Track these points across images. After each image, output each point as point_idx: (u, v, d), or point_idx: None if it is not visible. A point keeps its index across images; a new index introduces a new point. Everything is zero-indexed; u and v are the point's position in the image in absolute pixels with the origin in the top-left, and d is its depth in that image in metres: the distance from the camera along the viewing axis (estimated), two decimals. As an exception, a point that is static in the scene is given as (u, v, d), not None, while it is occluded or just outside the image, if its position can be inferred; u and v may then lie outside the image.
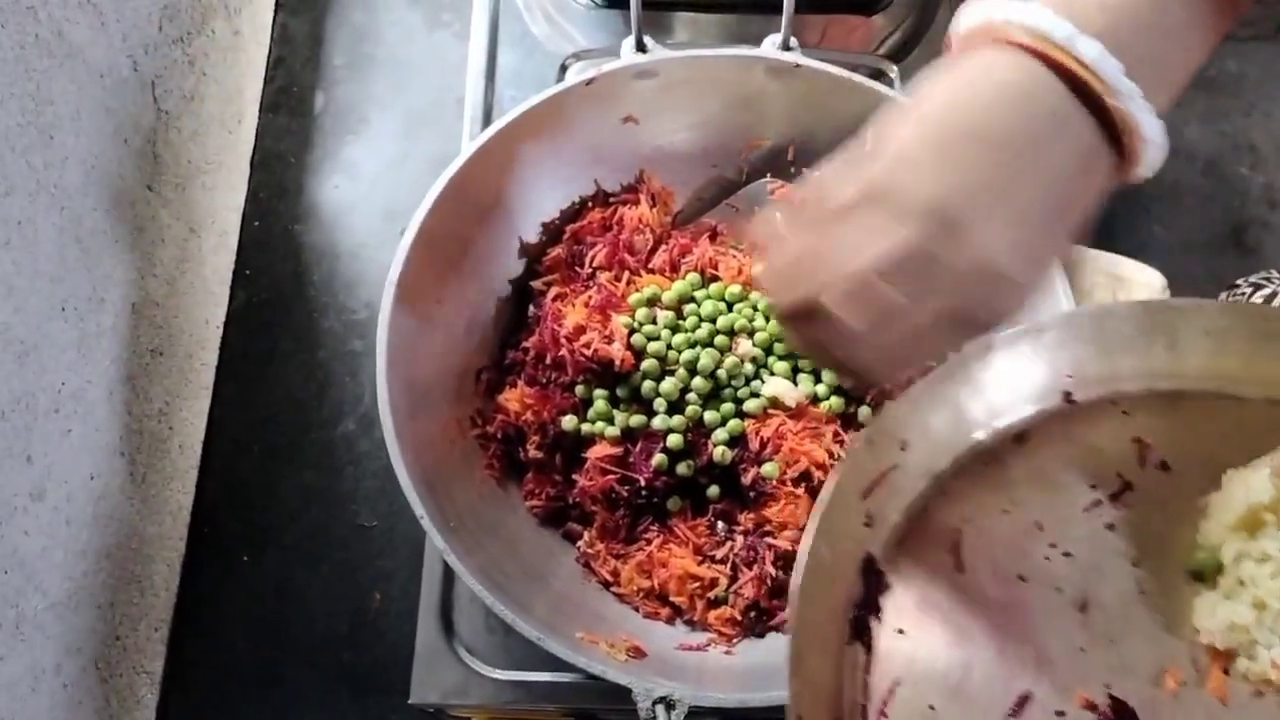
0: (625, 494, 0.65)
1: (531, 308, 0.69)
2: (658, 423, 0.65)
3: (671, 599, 0.64)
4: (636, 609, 0.65)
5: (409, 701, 0.65)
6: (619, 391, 0.67)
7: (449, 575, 0.67)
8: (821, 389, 0.67)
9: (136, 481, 0.74)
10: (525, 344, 0.68)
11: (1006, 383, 0.51)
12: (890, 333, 0.40)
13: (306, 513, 0.81)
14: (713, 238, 0.72)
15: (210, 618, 0.79)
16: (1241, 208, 1.14)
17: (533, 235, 0.70)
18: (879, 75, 0.79)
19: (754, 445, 0.65)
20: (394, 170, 0.90)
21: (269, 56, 0.92)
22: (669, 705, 0.54)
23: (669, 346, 0.67)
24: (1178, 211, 1.16)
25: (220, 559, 0.80)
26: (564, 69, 0.80)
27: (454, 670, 0.65)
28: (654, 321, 0.67)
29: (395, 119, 0.91)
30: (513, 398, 0.66)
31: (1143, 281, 0.89)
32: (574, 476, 0.66)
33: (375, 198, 0.89)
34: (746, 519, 0.65)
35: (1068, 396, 0.51)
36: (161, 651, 0.78)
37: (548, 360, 0.66)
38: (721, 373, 0.66)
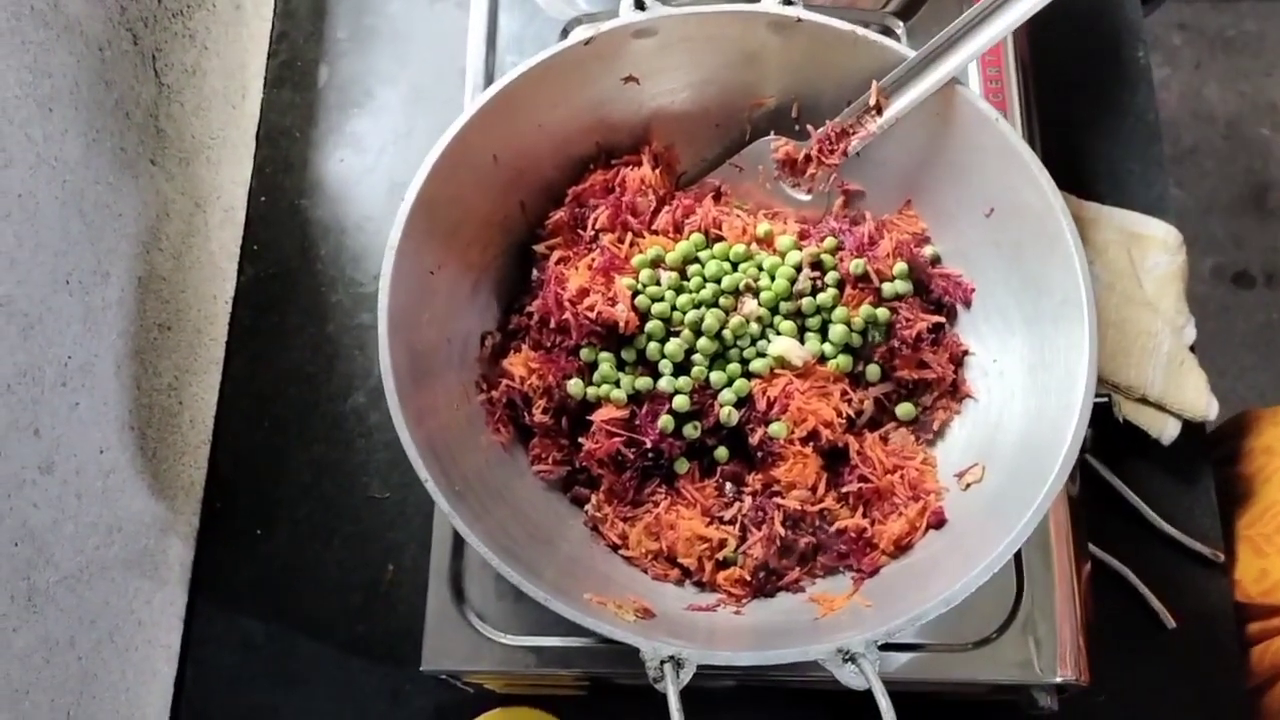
0: (632, 456, 0.64)
1: (534, 271, 0.69)
2: (663, 384, 0.64)
3: (680, 561, 0.64)
4: (645, 571, 0.64)
5: (420, 669, 0.65)
6: (624, 354, 0.66)
7: (459, 542, 0.66)
8: (828, 348, 0.66)
9: (147, 456, 0.74)
10: (529, 308, 0.67)
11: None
12: None
13: (318, 486, 0.81)
14: (716, 198, 0.71)
15: (225, 591, 0.80)
16: (1263, 169, 1.10)
17: (534, 198, 0.69)
18: (887, 33, 0.78)
19: (761, 405, 0.64)
20: (399, 143, 0.89)
21: (272, 30, 0.92)
22: (677, 664, 0.53)
23: (673, 308, 0.66)
24: (1197, 173, 1.14)
25: (233, 533, 0.81)
26: (565, 33, 0.79)
27: (465, 637, 0.65)
28: (658, 283, 0.66)
29: (399, 91, 0.91)
30: (517, 362, 0.66)
31: (1159, 238, 0.87)
32: (580, 440, 0.65)
33: (380, 171, 0.89)
34: (755, 479, 0.64)
35: None
36: (178, 626, 0.78)
37: (552, 324, 0.66)
38: (727, 333, 0.65)
